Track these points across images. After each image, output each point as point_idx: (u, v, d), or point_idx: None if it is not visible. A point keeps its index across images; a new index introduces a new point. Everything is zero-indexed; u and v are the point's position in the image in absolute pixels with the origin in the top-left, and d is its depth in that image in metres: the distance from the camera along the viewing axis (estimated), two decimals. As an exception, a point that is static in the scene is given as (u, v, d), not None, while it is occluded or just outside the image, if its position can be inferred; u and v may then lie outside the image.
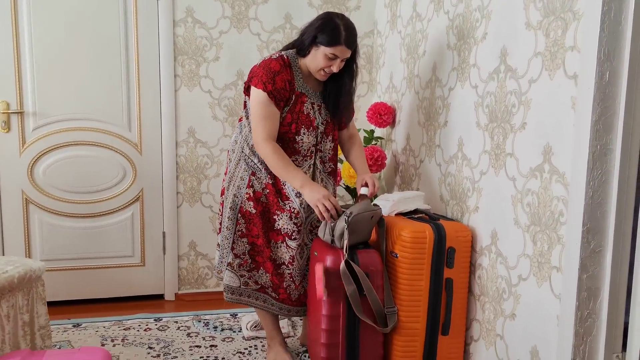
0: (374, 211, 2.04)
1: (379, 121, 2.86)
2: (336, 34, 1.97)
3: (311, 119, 2.12)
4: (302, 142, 2.11)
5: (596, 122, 1.48)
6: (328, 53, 1.99)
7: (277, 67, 2.02)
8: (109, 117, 2.88)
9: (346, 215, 1.96)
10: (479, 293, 2.05)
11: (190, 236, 3.07)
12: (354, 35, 2.03)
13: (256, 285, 2.22)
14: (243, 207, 2.16)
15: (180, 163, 3.01)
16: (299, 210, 2.12)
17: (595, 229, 1.52)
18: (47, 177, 2.84)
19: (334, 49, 1.98)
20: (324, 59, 2.01)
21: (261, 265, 2.20)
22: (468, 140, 2.14)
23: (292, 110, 2.08)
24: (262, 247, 2.17)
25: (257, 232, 2.15)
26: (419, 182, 2.59)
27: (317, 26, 2.01)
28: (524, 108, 1.79)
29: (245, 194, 2.15)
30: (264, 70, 2.02)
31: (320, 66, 2.04)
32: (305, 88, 2.10)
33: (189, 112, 2.98)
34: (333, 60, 2.01)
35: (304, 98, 2.09)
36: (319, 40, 1.99)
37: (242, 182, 2.16)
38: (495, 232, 1.96)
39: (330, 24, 1.99)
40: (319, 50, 2.00)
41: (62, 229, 2.89)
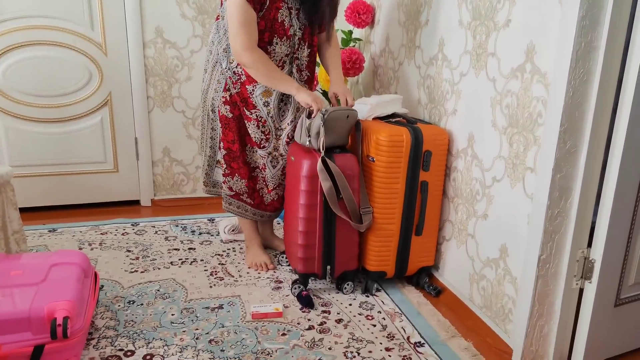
0: (349, 110, 2.01)
1: (358, 21, 2.73)
2: None
3: (285, 27, 2.01)
4: (275, 52, 2.03)
5: (583, 17, 1.42)
6: None
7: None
8: (69, 15, 2.68)
9: (322, 112, 1.94)
10: (453, 195, 2.08)
11: (163, 142, 3.00)
12: None
13: (230, 192, 2.23)
14: (220, 110, 2.11)
15: (149, 65, 2.87)
16: (266, 118, 2.10)
17: (572, 129, 1.51)
18: (8, 80, 2.69)
19: None
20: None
21: (236, 171, 2.19)
22: (449, 40, 2.06)
23: (265, 17, 1.96)
24: (237, 152, 2.16)
25: (233, 137, 2.13)
26: (397, 85, 2.53)
27: None
28: (509, 3, 1.71)
29: (222, 97, 2.10)
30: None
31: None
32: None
33: (155, 10, 2.79)
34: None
35: (279, 3, 1.97)
36: None
37: (219, 85, 2.10)
38: (472, 135, 1.95)
39: None
40: None
41: (30, 135, 2.79)
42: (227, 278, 2.22)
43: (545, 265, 1.63)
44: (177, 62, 2.90)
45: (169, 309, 1.96)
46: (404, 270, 2.16)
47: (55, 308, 1.49)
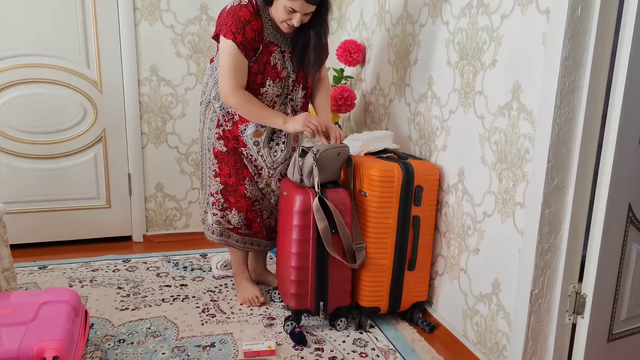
0: (340, 148, 2.04)
1: (349, 60, 2.80)
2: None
3: (278, 70, 2.04)
4: (267, 94, 2.06)
5: (566, 58, 1.47)
6: (287, 5, 1.85)
7: (247, 16, 1.91)
8: (65, 53, 2.73)
9: (313, 152, 1.96)
10: (445, 230, 2.10)
11: (156, 177, 3.01)
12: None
13: (229, 225, 2.24)
14: (215, 147, 2.15)
15: (144, 102, 2.90)
16: (257, 157, 2.14)
17: (560, 166, 1.55)
18: (3, 117, 2.71)
19: (292, 3, 1.84)
20: (283, 11, 1.88)
21: (234, 205, 2.20)
22: (438, 78, 2.12)
23: (258, 60, 2.00)
24: (234, 185, 2.17)
25: (229, 170, 2.15)
26: (388, 121, 2.58)
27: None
28: (495, 45, 1.76)
29: (215, 134, 2.14)
30: (233, 19, 1.90)
31: (282, 18, 1.92)
32: (275, 36, 2.01)
33: (150, 49, 2.85)
34: (292, 14, 1.88)
35: (272, 47, 2.01)
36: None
37: (212, 123, 2.15)
38: (462, 171, 1.98)
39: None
40: (279, 1, 1.87)
41: (23, 171, 2.79)
42: (219, 315, 2.20)
43: (538, 301, 1.63)
44: (171, 99, 2.94)
45: (159, 347, 1.93)
46: (398, 305, 2.15)
47: (45, 348, 1.47)
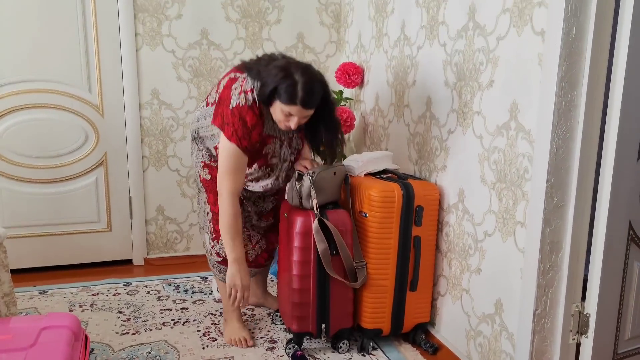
0: (336, 167, 2.05)
1: (348, 82, 2.83)
2: (292, 93, 1.75)
3: (268, 158, 2.02)
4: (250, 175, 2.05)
5: (562, 78, 1.49)
6: (284, 110, 1.80)
7: (254, 121, 1.85)
8: (67, 79, 2.76)
9: (310, 175, 1.96)
10: (446, 250, 2.09)
11: (157, 200, 3.02)
12: (312, 96, 1.80)
13: (218, 258, 2.18)
14: (201, 175, 2.13)
15: (145, 126, 2.92)
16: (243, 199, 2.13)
17: (559, 185, 1.55)
18: (5, 142, 2.73)
19: (290, 108, 1.79)
20: (280, 113, 1.82)
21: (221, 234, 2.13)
22: (436, 99, 2.14)
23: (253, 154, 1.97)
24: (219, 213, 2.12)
25: (214, 198, 2.10)
26: (388, 142, 2.59)
27: (276, 79, 1.78)
28: (491, 65, 1.79)
29: (201, 162, 2.11)
30: (240, 124, 1.84)
31: (279, 120, 1.86)
32: (274, 129, 1.96)
33: (152, 73, 2.88)
34: (290, 117, 1.83)
35: (269, 140, 1.98)
36: (277, 94, 1.79)
37: (199, 152, 2.12)
38: (462, 190, 1.98)
39: (288, 79, 1.76)
40: (276, 104, 1.81)
41: (25, 196, 2.80)
42: (220, 339, 2.18)
43: (541, 321, 1.62)
44: (172, 122, 2.96)
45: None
46: (400, 327, 2.13)
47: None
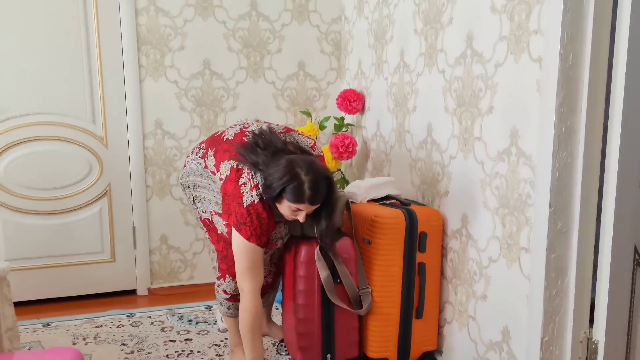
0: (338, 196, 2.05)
1: (349, 108, 2.85)
2: (300, 193, 1.84)
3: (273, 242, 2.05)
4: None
5: (560, 104, 1.50)
6: (292, 207, 1.88)
7: (270, 217, 1.93)
8: (71, 111, 2.79)
9: None
10: (452, 276, 2.08)
11: (161, 230, 3.02)
12: (319, 192, 1.88)
13: (226, 295, 2.15)
14: (201, 215, 2.13)
15: (148, 156, 2.95)
16: None
17: (562, 210, 1.55)
18: (9, 174, 2.75)
19: (298, 205, 1.87)
20: (288, 209, 1.90)
21: (227, 272, 2.12)
22: (437, 125, 2.15)
23: None
24: (224, 251, 2.10)
25: (216, 236, 2.10)
26: (390, 168, 2.60)
27: (283, 181, 1.84)
28: (490, 92, 1.80)
29: None
30: (257, 222, 1.89)
31: (287, 215, 1.93)
32: (279, 216, 1.99)
33: (155, 103, 2.91)
34: (298, 212, 1.90)
35: (276, 226, 2.01)
36: (284, 193, 1.86)
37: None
38: (465, 216, 1.98)
39: (294, 180, 1.84)
40: (284, 201, 1.88)
41: (28, 227, 2.80)
42: (224, 370, 2.16)
43: (549, 348, 1.60)
44: (175, 151, 2.98)
45: (164, 406, 1.89)
46: (407, 355, 2.10)
47: (47, 412, 1.44)
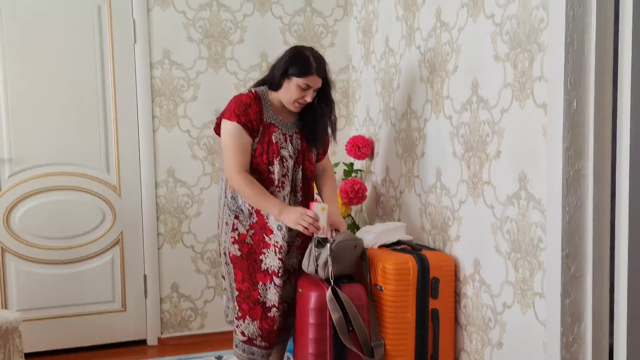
0: (356, 241, 2.05)
1: (358, 154, 2.89)
2: (307, 65, 2.01)
3: (279, 148, 2.11)
4: (275, 172, 2.10)
5: (567, 148, 1.52)
6: (301, 84, 2.02)
7: (248, 100, 2.06)
8: (86, 161, 2.86)
9: (330, 242, 1.96)
10: (466, 323, 2.05)
11: (172, 278, 3.02)
12: (323, 64, 2.06)
13: (243, 337, 2.13)
14: (230, 251, 2.14)
15: (160, 204, 2.98)
16: (282, 244, 2.10)
17: (574, 254, 1.54)
18: (24, 224, 2.79)
19: (306, 79, 2.01)
20: (296, 89, 2.03)
21: (247, 313, 2.11)
22: (445, 170, 2.17)
23: (261, 141, 2.09)
24: (247, 292, 2.10)
25: (242, 276, 2.11)
26: (400, 212, 2.60)
27: (287, 60, 2.04)
28: (497, 137, 1.83)
29: (230, 238, 2.13)
30: (235, 104, 2.05)
31: (294, 98, 2.05)
32: (275, 119, 2.12)
33: (168, 152, 2.97)
34: (306, 91, 2.04)
35: (272, 128, 2.10)
36: (290, 72, 2.02)
37: (227, 227, 2.15)
38: (477, 261, 1.97)
39: (299, 55, 2.03)
40: (291, 82, 2.03)
41: (40, 277, 2.82)
42: (235, 423, 2.10)
43: (569, 397, 1.55)
44: (187, 199, 3.01)
45: None
46: (422, 406, 2.05)
47: None
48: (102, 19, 2.83)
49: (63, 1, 2.77)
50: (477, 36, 1.93)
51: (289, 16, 3.11)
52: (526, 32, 1.67)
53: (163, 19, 2.92)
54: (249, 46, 3.05)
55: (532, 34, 1.65)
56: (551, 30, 1.55)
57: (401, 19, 2.52)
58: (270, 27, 3.07)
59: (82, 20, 2.80)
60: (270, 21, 3.07)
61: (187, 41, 2.96)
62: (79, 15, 2.80)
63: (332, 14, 3.18)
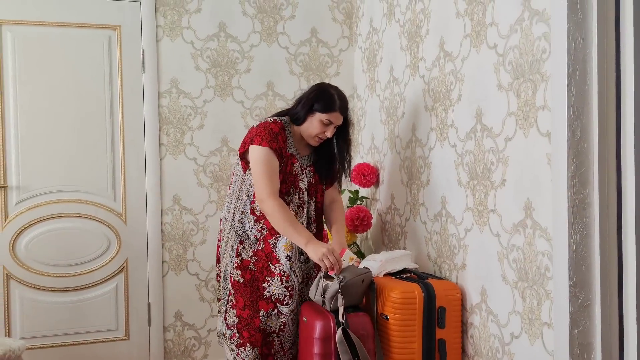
0: (364, 274, 2.03)
1: (363, 181, 2.90)
2: (331, 102, 2.13)
3: (298, 179, 2.18)
4: (291, 202, 2.16)
5: (572, 177, 1.52)
6: (323, 119, 2.12)
7: (277, 129, 2.13)
8: (93, 188, 2.88)
9: (339, 279, 1.95)
10: (473, 353, 2.01)
11: (176, 306, 3.00)
12: (346, 102, 2.20)
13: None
14: (232, 276, 2.14)
15: (166, 231, 2.99)
16: (289, 273, 2.11)
17: (582, 283, 1.52)
18: (29, 251, 2.80)
19: (329, 115, 2.12)
20: (319, 124, 2.13)
21: (247, 341, 2.10)
22: (451, 197, 2.17)
23: (283, 170, 2.14)
24: (248, 319, 2.11)
25: (244, 302, 2.11)
26: (406, 240, 2.59)
27: (312, 96, 2.15)
28: (502, 165, 1.83)
29: (234, 263, 2.14)
30: (265, 131, 2.10)
31: (316, 132, 2.15)
32: (295, 151, 2.20)
33: (174, 180, 2.99)
34: (327, 126, 2.14)
35: (293, 159, 2.18)
36: (315, 108, 2.13)
37: (232, 250, 2.16)
38: (484, 290, 1.95)
39: (325, 93, 2.16)
40: (314, 117, 2.14)
41: (44, 305, 2.81)
42: None
43: None
44: (192, 226, 3.02)
45: None
46: None
47: None
48: (112, 49, 2.90)
49: (75, 31, 2.84)
50: (481, 66, 1.95)
51: (295, 46, 3.17)
52: (529, 62, 1.70)
53: (172, 49, 2.99)
54: (256, 75, 3.10)
55: (534, 64, 1.67)
56: (553, 61, 1.57)
57: (405, 49, 2.56)
58: (276, 57, 3.13)
59: (93, 50, 2.87)
60: (277, 51, 3.13)
61: (195, 71, 3.01)
62: (90, 44, 2.87)
63: (337, 44, 3.24)
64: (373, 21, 2.97)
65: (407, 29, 2.55)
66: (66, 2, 2.83)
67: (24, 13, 2.78)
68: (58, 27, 2.82)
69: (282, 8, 3.14)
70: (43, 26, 2.80)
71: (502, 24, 1.83)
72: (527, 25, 1.70)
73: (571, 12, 1.51)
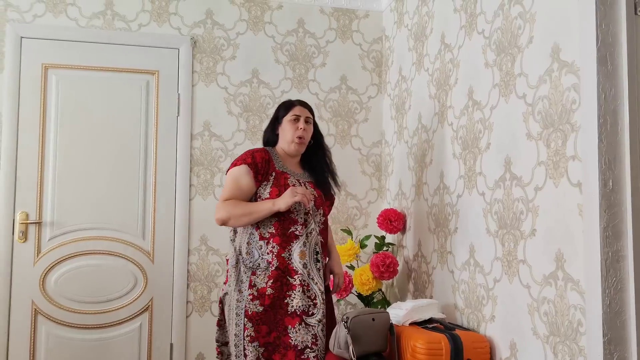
0: (374, 314, 1.99)
1: (390, 227, 2.88)
2: (289, 102, 2.30)
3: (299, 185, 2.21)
4: (296, 210, 2.13)
5: (605, 228, 1.48)
6: (289, 117, 2.23)
7: (257, 149, 2.21)
8: (123, 226, 2.94)
9: (344, 320, 1.92)
10: (502, 410, 1.93)
11: (198, 348, 2.98)
12: (304, 101, 2.32)
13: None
14: (248, 310, 2.09)
15: (192, 271, 3.01)
16: (308, 281, 2.08)
17: (617, 340, 1.46)
18: (59, 287, 2.84)
19: (292, 111, 2.24)
20: (289, 125, 2.22)
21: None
22: (479, 246, 2.14)
23: (276, 184, 2.15)
24: (277, 340, 2.05)
25: (269, 327, 2.05)
26: (432, 289, 2.54)
27: (273, 114, 2.32)
28: (532, 215, 1.81)
29: (249, 296, 2.09)
30: (245, 154, 2.19)
31: (291, 134, 2.22)
32: (285, 168, 2.23)
33: (202, 220, 3.03)
34: (297, 122, 2.22)
35: (286, 174, 2.20)
36: (279, 116, 2.27)
37: (244, 284, 2.13)
38: (514, 343, 1.88)
39: (281, 103, 2.32)
40: (283, 124, 2.24)
41: (69, 341, 2.83)
42: None
43: None
44: (218, 267, 3.03)
45: None
46: None
47: None
48: (149, 92, 3.02)
49: (115, 75, 2.98)
50: (509, 115, 1.96)
51: (325, 93, 3.24)
52: (558, 112, 1.70)
53: (206, 93, 3.09)
54: (286, 120, 3.16)
55: (564, 114, 1.67)
56: (584, 111, 1.57)
57: (434, 97, 2.60)
58: (306, 103, 3.20)
59: (131, 93, 2.99)
60: (307, 97, 3.19)
61: (227, 114, 3.11)
62: (129, 88, 2.99)
63: (367, 91, 3.31)
64: (402, 70, 3.02)
65: (435, 78, 2.59)
66: (109, 49, 2.98)
67: (69, 58, 2.93)
68: (99, 72, 2.97)
69: (313, 56, 3.24)
70: (85, 70, 2.95)
71: (531, 74, 1.85)
72: (557, 76, 1.71)
73: (601, 64, 1.52)
